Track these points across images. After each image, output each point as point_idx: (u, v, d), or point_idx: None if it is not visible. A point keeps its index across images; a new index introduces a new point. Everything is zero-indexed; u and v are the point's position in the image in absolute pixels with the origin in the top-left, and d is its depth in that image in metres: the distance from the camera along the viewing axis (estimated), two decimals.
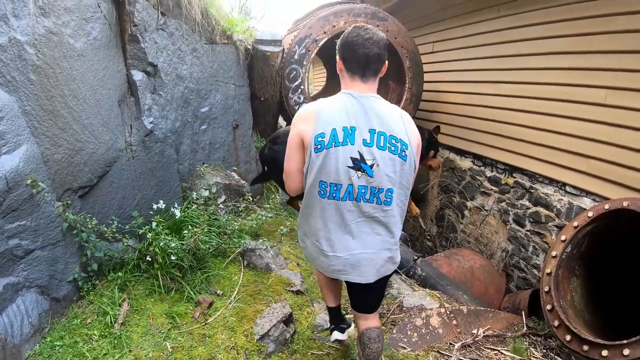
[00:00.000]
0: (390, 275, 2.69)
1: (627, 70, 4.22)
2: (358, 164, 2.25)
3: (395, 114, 2.35)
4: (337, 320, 3.29)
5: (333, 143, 2.23)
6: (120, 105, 4.11)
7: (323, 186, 2.31)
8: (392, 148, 2.27)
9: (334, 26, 6.44)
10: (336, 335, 3.25)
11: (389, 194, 2.32)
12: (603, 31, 4.46)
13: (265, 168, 4.34)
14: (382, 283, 2.71)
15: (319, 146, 2.25)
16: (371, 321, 2.78)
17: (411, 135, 2.34)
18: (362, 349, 2.73)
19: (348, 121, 2.25)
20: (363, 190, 2.29)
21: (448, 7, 7.30)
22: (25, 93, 3.19)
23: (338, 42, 2.42)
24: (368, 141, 2.25)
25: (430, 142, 4.24)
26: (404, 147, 2.29)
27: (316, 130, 2.25)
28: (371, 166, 2.25)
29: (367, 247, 2.43)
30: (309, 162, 2.31)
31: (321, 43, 6.44)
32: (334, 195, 2.31)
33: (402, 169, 2.31)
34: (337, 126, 2.24)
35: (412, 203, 4.54)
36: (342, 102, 2.32)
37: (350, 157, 2.24)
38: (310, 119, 2.30)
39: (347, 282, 2.66)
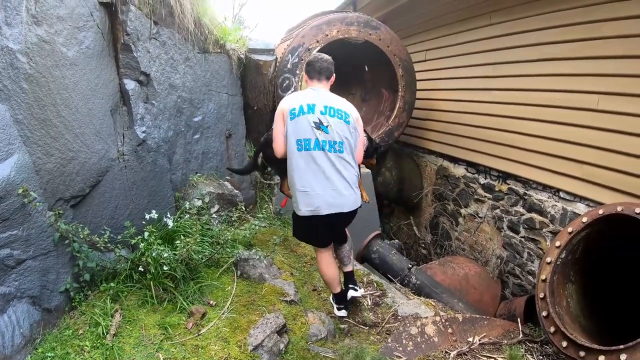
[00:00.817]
0: (354, 214, 3.77)
1: (619, 75, 4.26)
2: (318, 125, 3.45)
3: (340, 99, 3.67)
4: (343, 302, 4.08)
5: (301, 113, 3.47)
6: (112, 114, 4.10)
7: (299, 142, 3.46)
8: (339, 116, 3.52)
9: (327, 35, 6.46)
10: (342, 313, 4.12)
11: (341, 145, 3.50)
12: (593, 37, 4.51)
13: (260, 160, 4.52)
14: (350, 218, 3.81)
15: (292, 116, 3.48)
16: (346, 245, 4.12)
17: (352, 111, 3.64)
18: (337, 255, 4.14)
19: (310, 100, 3.52)
20: (324, 143, 3.45)
21: (440, 15, 7.36)
22: (17, 102, 3.18)
23: (304, 66, 3.86)
24: (323, 112, 3.49)
25: (375, 149, 4.62)
26: (346, 115, 3.57)
27: (291, 106, 3.51)
28: (327, 126, 3.46)
29: (335, 185, 3.49)
30: (287, 128, 3.50)
31: (314, 52, 6.44)
32: (307, 147, 3.46)
33: (347, 128, 3.54)
34: (303, 104, 3.49)
35: (364, 191, 4.84)
36: (307, 92, 3.64)
37: (313, 121, 3.45)
38: (288, 102, 3.57)
39: (328, 222, 3.61)
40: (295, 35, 6.68)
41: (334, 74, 3.76)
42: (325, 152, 3.45)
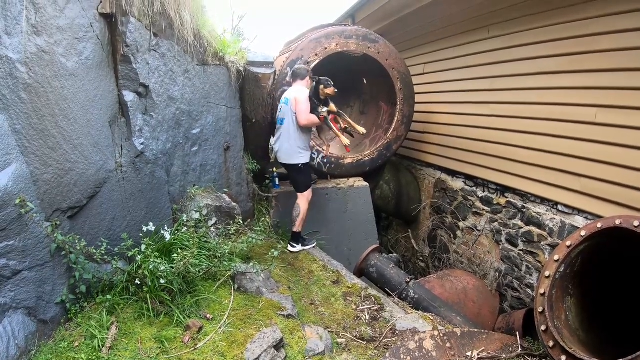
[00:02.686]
0: (299, 169, 5.55)
1: (616, 88, 4.29)
2: (279, 109, 5.62)
3: (295, 90, 5.48)
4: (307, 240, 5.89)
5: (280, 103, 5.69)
6: (111, 125, 4.10)
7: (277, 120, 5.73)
8: (285, 102, 5.49)
9: (326, 48, 6.50)
10: (312, 244, 5.91)
11: (283, 120, 5.49)
12: (590, 50, 4.54)
13: None
14: (294, 172, 5.61)
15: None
16: (299, 199, 5.68)
17: (291, 96, 5.39)
18: (292, 214, 5.72)
19: (285, 95, 5.56)
20: (280, 120, 5.59)
21: (439, 28, 7.42)
22: (15, 112, 3.18)
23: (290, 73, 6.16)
24: (283, 101, 5.54)
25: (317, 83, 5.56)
26: (287, 100, 5.44)
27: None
28: (280, 109, 5.60)
29: (282, 144, 5.54)
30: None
31: (313, 65, 6.48)
32: (277, 123, 5.70)
33: (287, 108, 5.43)
34: (282, 98, 5.64)
35: (355, 125, 5.86)
36: (288, 89, 5.72)
37: (280, 108, 5.63)
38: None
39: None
40: (294, 48, 6.72)
41: (307, 77, 5.59)
42: (280, 126, 5.57)
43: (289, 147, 5.45)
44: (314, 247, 5.92)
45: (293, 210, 5.67)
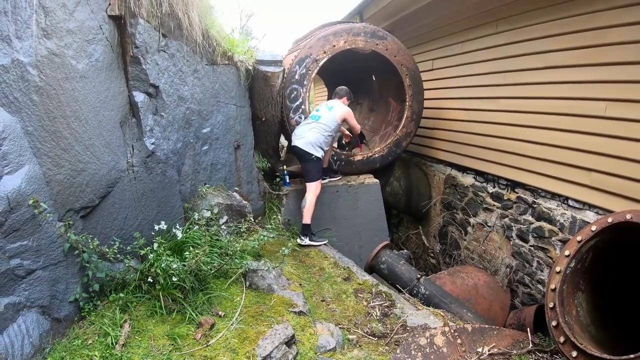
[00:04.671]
0: (312, 160, 5.87)
1: (626, 81, 4.25)
2: (318, 110, 6.19)
3: (338, 104, 6.19)
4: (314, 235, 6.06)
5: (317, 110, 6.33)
6: (122, 126, 4.14)
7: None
8: (329, 109, 6.08)
9: (334, 46, 6.50)
10: (321, 241, 6.00)
11: (320, 117, 5.99)
12: (599, 44, 4.51)
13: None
14: (307, 161, 5.90)
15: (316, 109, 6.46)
16: (307, 192, 5.96)
17: (337, 108, 6.08)
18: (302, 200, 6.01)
19: (329, 104, 6.24)
20: (316, 116, 6.09)
21: (447, 24, 7.39)
22: (27, 114, 3.22)
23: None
24: (327, 107, 6.14)
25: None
26: (332, 109, 6.07)
27: None
28: (318, 110, 6.19)
29: (308, 134, 5.88)
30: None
31: (321, 63, 6.49)
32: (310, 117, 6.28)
33: (327, 112, 6.04)
34: (326, 103, 6.34)
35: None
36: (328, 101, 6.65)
37: (316, 109, 6.36)
38: None
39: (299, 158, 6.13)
40: (302, 46, 6.72)
41: (345, 97, 6.36)
42: (314, 121, 5.99)
43: (314, 140, 5.82)
44: (325, 244, 5.94)
45: (303, 201, 5.97)
